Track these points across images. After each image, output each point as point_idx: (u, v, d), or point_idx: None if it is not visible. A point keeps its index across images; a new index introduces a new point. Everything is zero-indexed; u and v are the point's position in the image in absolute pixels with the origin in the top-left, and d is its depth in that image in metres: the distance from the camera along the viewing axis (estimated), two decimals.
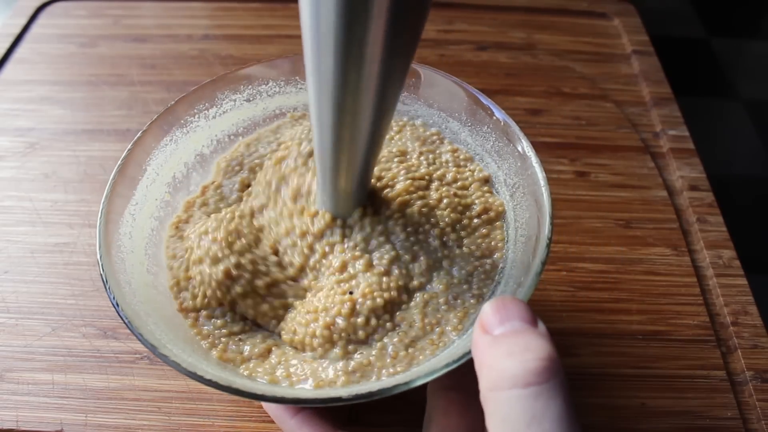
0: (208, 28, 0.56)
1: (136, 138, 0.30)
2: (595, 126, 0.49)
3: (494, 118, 0.32)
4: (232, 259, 0.28)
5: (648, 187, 0.44)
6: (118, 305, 0.25)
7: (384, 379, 0.25)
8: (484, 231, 0.30)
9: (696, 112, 0.56)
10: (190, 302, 0.28)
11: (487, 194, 0.32)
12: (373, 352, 0.26)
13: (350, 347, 0.26)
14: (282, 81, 0.35)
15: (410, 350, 0.26)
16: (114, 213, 0.28)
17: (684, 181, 0.45)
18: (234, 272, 0.28)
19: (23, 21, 0.56)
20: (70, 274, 0.38)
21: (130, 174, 0.30)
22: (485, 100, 0.32)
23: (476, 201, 0.31)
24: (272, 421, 0.32)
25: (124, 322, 0.24)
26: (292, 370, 0.26)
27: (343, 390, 0.25)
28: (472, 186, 0.32)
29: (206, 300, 0.28)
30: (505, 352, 0.20)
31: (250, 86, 0.34)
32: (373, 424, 0.32)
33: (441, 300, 0.27)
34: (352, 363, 0.26)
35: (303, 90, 0.35)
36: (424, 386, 0.24)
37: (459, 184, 0.32)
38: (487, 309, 0.21)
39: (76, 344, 0.35)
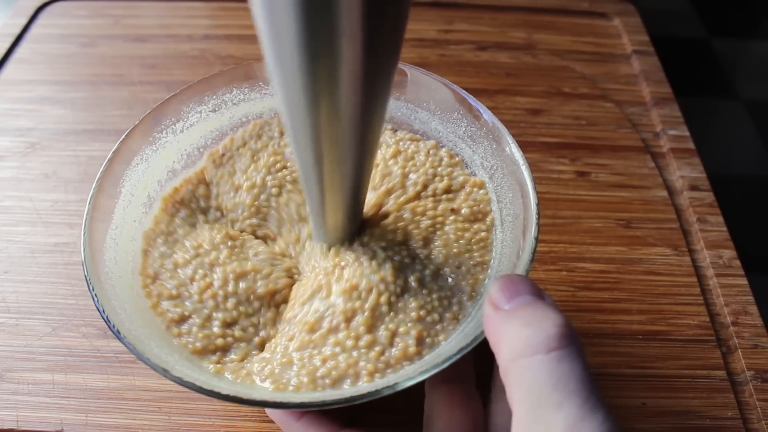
0: (209, 28, 0.56)
1: (106, 161, 0.30)
2: (596, 126, 0.49)
3: (463, 101, 0.32)
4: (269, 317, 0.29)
5: (648, 187, 0.44)
6: (119, 333, 0.24)
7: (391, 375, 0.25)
8: (467, 188, 0.31)
9: (696, 112, 0.56)
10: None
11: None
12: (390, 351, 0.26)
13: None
14: (246, 88, 0.34)
15: (428, 339, 0.26)
16: (96, 239, 0.28)
17: (684, 181, 0.45)
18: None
19: (23, 21, 0.56)
20: (70, 274, 0.38)
21: (107, 196, 0.29)
22: (454, 87, 0.32)
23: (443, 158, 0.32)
24: (271, 421, 0.32)
25: (129, 349, 0.24)
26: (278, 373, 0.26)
27: (349, 390, 0.25)
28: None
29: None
30: (521, 323, 0.20)
31: (214, 96, 0.34)
32: (374, 423, 0.32)
33: (447, 270, 0.27)
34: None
35: (267, 95, 0.35)
36: (422, 384, 0.24)
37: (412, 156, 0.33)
38: (495, 287, 0.22)
39: (76, 344, 0.35)
